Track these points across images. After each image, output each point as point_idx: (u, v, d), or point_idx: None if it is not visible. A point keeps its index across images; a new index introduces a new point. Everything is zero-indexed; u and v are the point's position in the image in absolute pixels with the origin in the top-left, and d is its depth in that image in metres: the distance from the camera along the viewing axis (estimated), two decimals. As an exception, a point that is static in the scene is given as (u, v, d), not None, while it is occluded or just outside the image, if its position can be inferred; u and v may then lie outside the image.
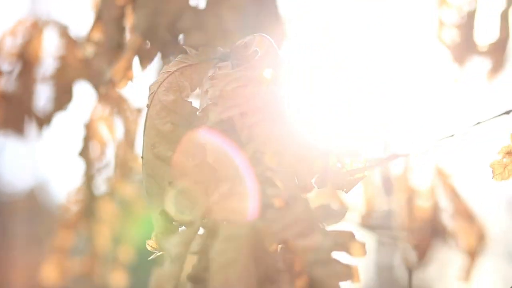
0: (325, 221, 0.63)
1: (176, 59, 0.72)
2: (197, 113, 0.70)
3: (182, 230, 0.65)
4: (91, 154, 1.30)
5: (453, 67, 1.23)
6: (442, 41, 1.24)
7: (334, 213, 0.63)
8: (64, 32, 1.34)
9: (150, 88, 0.71)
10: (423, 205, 1.24)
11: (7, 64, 1.33)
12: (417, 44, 1.38)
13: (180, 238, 0.62)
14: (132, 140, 1.28)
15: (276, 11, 1.02)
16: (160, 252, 0.69)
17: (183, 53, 0.74)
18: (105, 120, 1.29)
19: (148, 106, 0.71)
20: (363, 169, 0.69)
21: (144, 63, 0.88)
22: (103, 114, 1.29)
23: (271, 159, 0.65)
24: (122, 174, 1.32)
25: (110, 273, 1.40)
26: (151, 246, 0.70)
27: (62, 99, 1.32)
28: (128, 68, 0.88)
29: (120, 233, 1.39)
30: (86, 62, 1.20)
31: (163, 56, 0.88)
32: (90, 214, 1.34)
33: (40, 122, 1.35)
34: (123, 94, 1.28)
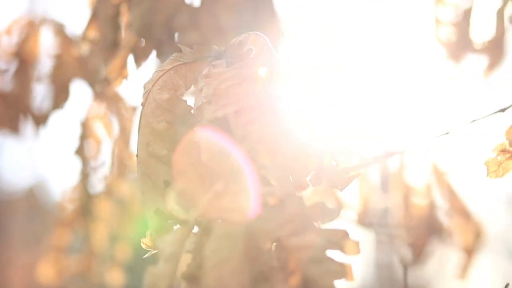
0: (319, 219, 0.63)
1: (170, 58, 0.72)
2: (191, 111, 0.70)
3: (177, 228, 0.65)
4: (87, 153, 1.30)
5: (449, 65, 1.23)
6: (438, 39, 1.24)
7: (328, 211, 0.63)
8: (60, 30, 1.34)
9: (144, 87, 0.71)
10: (420, 203, 1.24)
11: (3, 62, 1.33)
12: (414, 43, 1.38)
13: (174, 237, 0.62)
14: (128, 138, 1.28)
15: (272, 10, 1.02)
16: (155, 251, 0.69)
17: (178, 51, 0.74)
18: (101, 119, 1.29)
19: (142, 105, 0.71)
20: (358, 167, 0.69)
21: (139, 61, 0.88)
22: (99, 112, 1.29)
23: (265, 157, 0.65)
24: (119, 173, 1.32)
25: (107, 271, 1.40)
26: (146, 245, 0.70)
27: (58, 97, 1.32)
28: (123, 66, 0.88)
29: (117, 231, 1.39)
30: (82, 61, 1.20)
31: (159, 54, 0.88)
32: (86, 212, 1.34)
33: (37, 121, 1.35)
34: (119, 92, 1.28)
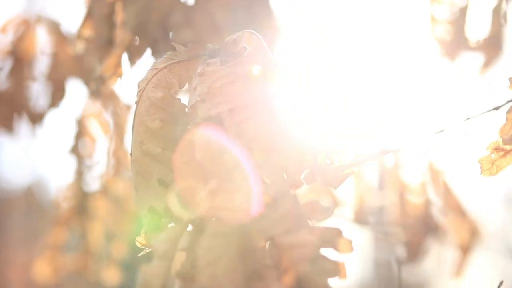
0: (313, 217, 0.63)
1: (164, 56, 0.72)
2: (185, 109, 0.70)
3: (171, 226, 0.65)
4: (83, 151, 1.30)
5: (445, 63, 1.23)
6: (434, 37, 1.24)
7: (322, 209, 0.63)
8: (56, 29, 1.34)
9: (138, 85, 0.71)
10: (415, 201, 1.24)
11: (-1, 61, 1.33)
12: (409, 41, 1.38)
13: (168, 235, 0.62)
14: (123, 137, 1.28)
15: (267, 8, 1.02)
16: (149, 249, 0.69)
17: (173, 49, 0.74)
18: (96, 117, 1.29)
19: (136, 103, 0.71)
20: (352, 165, 0.69)
21: (133, 59, 0.88)
22: (94, 110, 1.29)
23: (259, 156, 0.65)
24: (114, 171, 1.32)
25: (103, 269, 1.40)
26: (141, 243, 0.70)
27: (54, 96, 1.32)
28: (118, 64, 0.88)
29: (113, 229, 1.39)
30: (77, 59, 1.20)
31: (153, 53, 0.88)
32: (82, 211, 1.34)
33: (33, 119, 1.34)
34: (114, 91, 1.28)
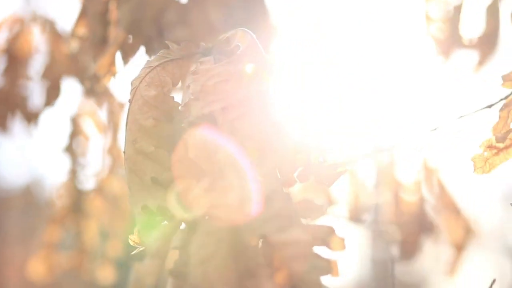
0: (306, 215, 0.63)
1: (158, 54, 0.72)
2: (179, 108, 0.70)
3: (164, 225, 0.65)
4: (78, 149, 1.29)
5: (439, 61, 1.23)
6: (429, 35, 1.24)
7: (315, 207, 0.63)
8: (51, 27, 1.33)
9: (132, 83, 0.71)
10: (410, 199, 1.24)
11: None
12: (404, 39, 1.38)
13: (161, 233, 0.62)
14: (118, 135, 1.28)
15: (263, 6, 1.01)
16: (142, 247, 0.69)
17: (167, 48, 0.74)
18: (91, 115, 1.29)
19: (130, 102, 0.71)
20: (345, 163, 0.69)
21: (126, 58, 0.87)
22: (89, 109, 1.29)
23: (252, 154, 0.65)
24: (110, 169, 1.31)
25: (98, 268, 1.40)
26: (134, 241, 0.70)
27: (50, 94, 1.32)
28: (112, 63, 0.88)
29: (108, 228, 1.39)
30: (72, 57, 1.20)
31: (147, 51, 0.88)
32: (77, 209, 1.34)
33: (28, 118, 1.34)
34: (109, 89, 1.28)
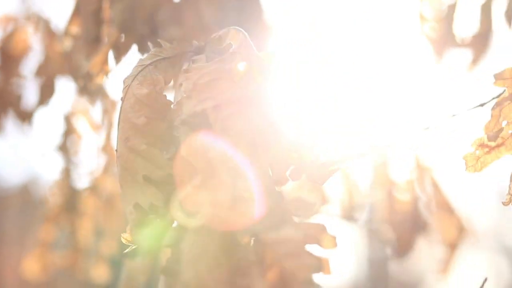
0: (298, 214, 0.63)
1: (150, 53, 0.72)
2: (171, 106, 0.70)
3: (156, 223, 0.65)
4: (72, 148, 1.29)
5: (434, 60, 1.23)
6: (423, 34, 1.25)
7: (307, 205, 0.63)
8: (45, 26, 1.33)
9: (124, 82, 0.71)
10: (404, 198, 1.25)
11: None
12: (398, 38, 1.38)
13: (152, 231, 0.62)
14: (112, 134, 1.28)
15: (257, 5, 1.01)
16: (135, 245, 0.69)
17: (160, 46, 0.74)
18: (85, 114, 1.29)
19: (122, 100, 0.71)
20: (338, 161, 0.69)
21: (119, 56, 0.87)
22: (83, 107, 1.29)
23: (244, 152, 0.65)
24: (104, 168, 1.32)
25: (92, 266, 1.40)
26: (126, 239, 0.70)
27: (44, 93, 1.32)
28: (105, 61, 0.88)
29: (103, 226, 1.39)
30: (65, 56, 1.20)
31: (140, 50, 0.88)
32: (72, 208, 1.34)
33: (22, 117, 1.34)
34: (103, 87, 1.28)
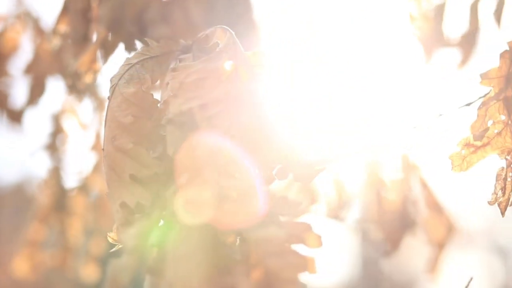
0: (283, 213, 0.63)
1: (137, 51, 0.72)
2: (158, 105, 0.70)
3: (141, 222, 0.65)
4: (60, 147, 1.29)
5: (423, 60, 1.23)
6: (412, 34, 1.25)
7: (292, 204, 0.63)
8: (35, 24, 1.33)
9: (111, 81, 0.71)
10: (393, 197, 1.25)
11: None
12: (389, 37, 1.39)
13: (137, 230, 0.62)
14: (101, 132, 1.28)
15: (247, 4, 1.01)
16: (121, 244, 0.69)
17: (147, 45, 0.74)
18: (74, 113, 1.29)
19: (109, 99, 0.71)
20: (324, 161, 0.69)
21: (106, 55, 0.88)
22: (72, 106, 1.29)
23: (231, 150, 0.65)
24: (93, 167, 1.31)
25: (82, 266, 1.40)
26: (112, 238, 0.70)
27: (34, 92, 1.31)
28: (93, 60, 0.88)
29: (92, 226, 1.39)
30: (54, 55, 1.20)
31: (128, 48, 0.88)
32: (61, 207, 1.34)
33: (12, 116, 1.34)
34: (92, 86, 1.28)
